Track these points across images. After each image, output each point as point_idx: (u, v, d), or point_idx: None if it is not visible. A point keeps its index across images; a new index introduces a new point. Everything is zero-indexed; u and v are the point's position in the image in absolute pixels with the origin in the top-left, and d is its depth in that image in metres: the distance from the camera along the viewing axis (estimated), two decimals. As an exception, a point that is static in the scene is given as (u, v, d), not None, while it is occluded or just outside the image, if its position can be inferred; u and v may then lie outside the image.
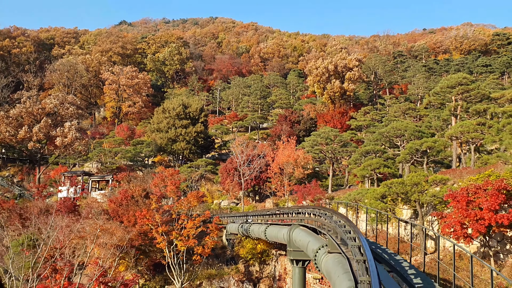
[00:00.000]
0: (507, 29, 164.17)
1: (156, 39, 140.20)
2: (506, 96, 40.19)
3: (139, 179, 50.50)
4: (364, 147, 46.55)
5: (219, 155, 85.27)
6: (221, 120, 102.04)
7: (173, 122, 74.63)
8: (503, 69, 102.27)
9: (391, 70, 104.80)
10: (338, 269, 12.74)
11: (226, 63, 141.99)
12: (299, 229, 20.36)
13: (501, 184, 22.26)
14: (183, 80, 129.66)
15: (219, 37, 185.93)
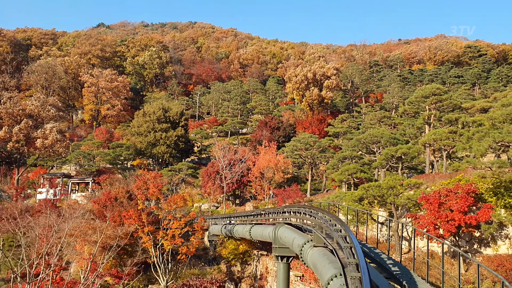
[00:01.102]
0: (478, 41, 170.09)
1: (135, 42, 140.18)
2: (476, 106, 42.57)
3: (122, 182, 50.99)
4: (341, 153, 48.30)
5: (199, 159, 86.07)
6: (200, 124, 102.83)
7: (153, 125, 75.14)
8: (474, 81, 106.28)
9: (367, 79, 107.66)
10: (324, 260, 14.06)
11: (205, 68, 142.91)
12: (285, 227, 21.68)
13: (470, 188, 24.13)
14: (162, 84, 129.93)
15: (199, 42, 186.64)
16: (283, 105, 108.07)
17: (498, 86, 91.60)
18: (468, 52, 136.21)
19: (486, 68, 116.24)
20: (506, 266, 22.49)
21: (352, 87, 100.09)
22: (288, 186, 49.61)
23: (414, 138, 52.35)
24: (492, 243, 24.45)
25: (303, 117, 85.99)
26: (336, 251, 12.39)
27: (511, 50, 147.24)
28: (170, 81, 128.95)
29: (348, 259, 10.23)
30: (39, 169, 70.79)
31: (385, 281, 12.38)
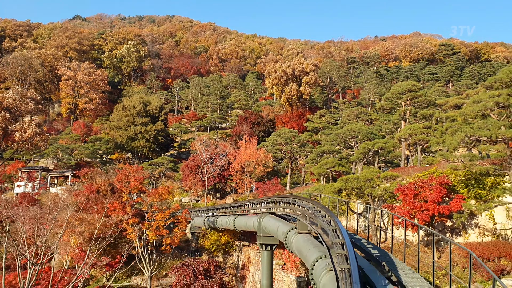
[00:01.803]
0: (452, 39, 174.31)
1: (113, 35, 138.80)
2: (450, 103, 44.30)
3: (102, 175, 51.11)
4: (320, 147, 49.57)
5: (178, 154, 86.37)
6: (180, 119, 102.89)
7: (133, 119, 75.07)
8: (448, 78, 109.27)
9: (344, 75, 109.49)
10: (308, 245, 15.05)
11: (184, 62, 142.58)
12: (269, 217, 22.64)
13: (444, 180, 25.53)
14: (140, 78, 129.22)
15: (177, 36, 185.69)
16: (262, 100, 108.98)
17: (471, 83, 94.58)
18: (442, 50, 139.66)
19: (459, 66, 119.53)
20: (476, 253, 23.93)
21: (330, 83, 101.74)
22: (269, 180, 50.65)
23: (390, 133, 54.11)
24: (463, 232, 25.93)
25: (282, 112, 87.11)
26: (321, 236, 13.35)
27: (483, 48, 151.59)
28: (148, 75, 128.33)
29: (333, 240, 11.18)
30: (16, 162, 70.01)
31: (366, 262, 13.41)
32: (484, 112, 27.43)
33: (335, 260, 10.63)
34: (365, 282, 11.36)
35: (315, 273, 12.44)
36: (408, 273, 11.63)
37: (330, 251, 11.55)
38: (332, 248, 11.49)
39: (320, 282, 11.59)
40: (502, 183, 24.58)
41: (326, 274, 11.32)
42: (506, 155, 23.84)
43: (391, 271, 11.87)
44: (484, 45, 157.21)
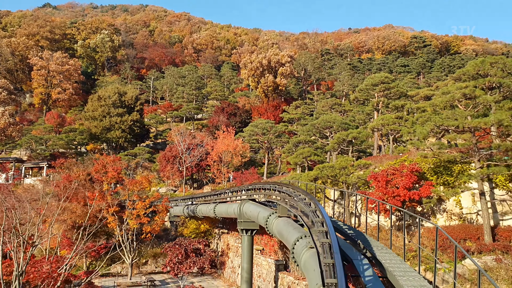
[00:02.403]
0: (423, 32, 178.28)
1: (86, 25, 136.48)
2: (421, 94, 46.00)
3: (79, 166, 51.02)
4: (296, 137, 50.68)
5: (154, 144, 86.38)
6: (155, 109, 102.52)
7: (108, 110, 74.64)
8: (419, 70, 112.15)
9: (319, 67, 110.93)
10: (289, 227, 16.01)
11: (159, 52, 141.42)
12: (249, 203, 23.52)
13: (414, 167, 26.90)
14: (114, 68, 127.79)
15: (151, 25, 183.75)
16: (238, 91, 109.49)
17: (441, 75, 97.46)
18: (414, 43, 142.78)
19: (430, 58, 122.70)
20: (443, 236, 25.40)
21: (305, 75, 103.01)
22: (246, 170, 51.55)
23: (363, 123, 55.63)
24: (432, 216, 27.39)
25: (258, 103, 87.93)
26: (302, 217, 14.31)
27: (453, 41, 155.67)
28: (122, 65, 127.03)
29: (314, 219, 12.12)
30: (-12, 153, 68.87)
31: (343, 240, 14.42)
32: (452, 103, 28.86)
33: (316, 238, 11.58)
34: (342, 257, 12.33)
35: (296, 251, 13.39)
36: (382, 250, 12.69)
37: (311, 230, 12.49)
38: (312, 228, 12.44)
39: (301, 259, 12.55)
40: (468, 170, 26.04)
41: (306, 251, 12.27)
42: (472, 143, 25.28)
43: (366, 248, 12.90)
44: (454, 38, 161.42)
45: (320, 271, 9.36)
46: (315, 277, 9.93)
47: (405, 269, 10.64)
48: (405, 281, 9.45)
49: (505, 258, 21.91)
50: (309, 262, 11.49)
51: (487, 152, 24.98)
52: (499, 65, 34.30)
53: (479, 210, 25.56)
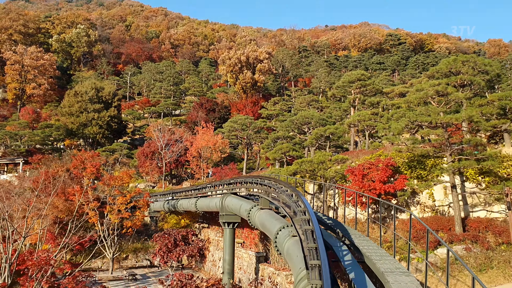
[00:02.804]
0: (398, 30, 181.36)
1: (61, 19, 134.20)
2: (395, 91, 47.27)
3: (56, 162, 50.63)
4: (275, 133, 51.48)
5: (132, 140, 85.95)
6: (132, 105, 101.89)
7: (85, 106, 73.96)
8: (394, 67, 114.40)
9: (296, 64, 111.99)
10: (271, 218, 16.68)
11: (136, 47, 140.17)
12: (231, 196, 24.10)
13: (389, 161, 27.94)
14: (90, 63, 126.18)
15: (127, 20, 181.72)
16: (216, 87, 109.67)
17: (415, 72, 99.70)
18: (389, 40, 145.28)
19: (405, 55, 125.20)
20: (417, 227, 26.52)
21: (283, 71, 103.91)
22: (225, 165, 52.06)
23: (340, 119, 56.80)
24: (406, 209, 28.49)
25: (236, 99, 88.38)
26: (284, 208, 14.97)
27: (427, 39, 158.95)
28: (98, 60, 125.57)
29: (296, 209, 12.79)
30: (-39, 149, 67.48)
31: (323, 229, 15.12)
32: (426, 100, 30.02)
33: (298, 227, 12.25)
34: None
35: (279, 240, 14.06)
36: (359, 238, 13.45)
37: (293, 219, 13.16)
38: (294, 217, 13.11)
39: (284, 247, 13.22)
40: (440, 164, 27.19)
41: (289, 239, 12.95)
42: (444, 139, 26.41)
43: (344, 236, 13.65)
44: (428, 36, 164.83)
45: (303, 255, 10.01)
46: (298, 262, 10.59)
47: (381, 254, 11.40)
48: (382, 264, 10.19)
49: (474, 247, 23.11)
50: (292, 249, 12.15)
51: (459, 146, 26.14)
52: (470, 63, 35.73)
53: (451, 203, 26.72)
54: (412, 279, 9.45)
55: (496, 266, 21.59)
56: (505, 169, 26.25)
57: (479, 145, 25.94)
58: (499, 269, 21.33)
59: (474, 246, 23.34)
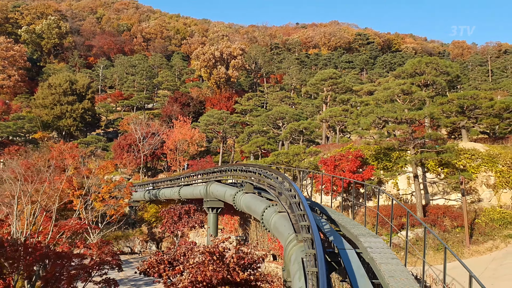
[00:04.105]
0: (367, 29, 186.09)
1: (30, 9, 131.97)
2: (364, 89, 50.21)
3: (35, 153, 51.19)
4: (249, 128, 53.54)
5: (105, 133, 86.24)
6: (104, 98, 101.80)
7: (59, 98, 74.06)
8: (363, 66, 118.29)
9: (269, 60, 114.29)
10: (256, 200, 18.72)
11: (107, 40, 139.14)
12: (215, 184, 26.00)
13: (358, 153, 30.49)
14: (61, 55, 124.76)
15: (98, 12, 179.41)
16: (188, 81, 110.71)
17: (382, 72, 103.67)
18: (358, 40, 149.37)
19: (373, 55, 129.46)
20: (383, 213, 29.17)
21: (256, 68, 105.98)
22: (202, 158, 53.77)
23: (311, 116, 59.45)
24: (373, 197, 31.13)
25: (210, 94, 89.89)
26: (269, 190, 17.02)
27: (394, 39, 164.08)
28: (69, 52, 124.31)
29: (282, 189, 14.83)
30: None
31: (303, 209, 17.31)
32: (392, 98, 32.74)
33: (284, 203, 14.34)
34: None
35: (265, 218, 16.12)
36: (335, 214, 15.62)
37: (279, 198, 15.21)
38: (280, 196, 15.18)
39: (270, 223, 15.27)
40: (404, 156, 29.90)
41: (275, 215, 15.02)
42: (408, 133, 29.10)
43: (322, 213, 15.80)
44: (395, 36, 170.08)
45: (291, 223, 12.07)
46: (286, 230, 12.66)
47: (354, 224, 13.60)
48: (355, 231, 12.36)
49: (433, 230, 25.86)
50: (278, 222, 14.21)
51: (421, 140, 28.90)
52: (433, 65, 38.79)
53: (413, 191, 29.51)
54: (379, 239, 11.68)
55: (451, 245, 24.41)
56: (461, 161, 29.22)
57: (439, 139, 28.80)
58: (454, 248, 24.14)
59: (433, 229, 26.13)
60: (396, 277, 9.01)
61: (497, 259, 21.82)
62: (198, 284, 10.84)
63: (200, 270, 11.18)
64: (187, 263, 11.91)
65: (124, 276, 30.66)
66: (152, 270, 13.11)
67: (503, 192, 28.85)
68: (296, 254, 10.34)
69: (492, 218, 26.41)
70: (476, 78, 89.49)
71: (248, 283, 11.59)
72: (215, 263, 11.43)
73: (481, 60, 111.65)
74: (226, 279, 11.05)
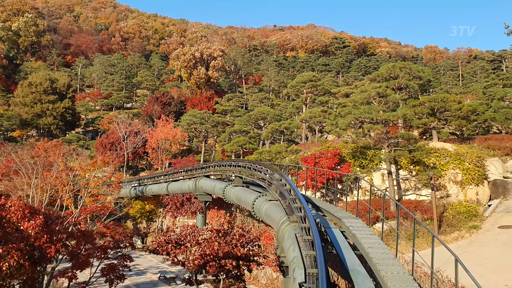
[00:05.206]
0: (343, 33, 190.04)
1: (6, 6, 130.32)
2: (342, 91, 52.52)
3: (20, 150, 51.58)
4: (230, 128, 55.15)
5: (85, 132, 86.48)
6: (83, 97, 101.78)
7: (40, 96, 74.17)
8: (339, 69, 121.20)
9: (248, 62, 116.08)
10: (246, 192, 20.40)
11: (86, 39, 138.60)
12: (204, 179, 27.54)
13: (337, 151, 32.52)
14: (38, 53, 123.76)
15: (75, 11, 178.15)
16: (167, 81, 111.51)
17: (358, 75, 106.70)
18: (334, 43, 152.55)
19: (349, 58, 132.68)
20: (359, 207, 31.29)
21: (235, 69, 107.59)
22: (185, 157, 55.10)
23: (290, 117, 61.43)
24: (350, 192, 33.20)
25: (189, 94, 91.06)
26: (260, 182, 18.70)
27: (369, 43, 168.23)
28: (46, 50, 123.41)
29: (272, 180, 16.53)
30: None
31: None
32: (369, 100, 34.91)
33: (274, 192, 16.04)
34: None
35: (256, 207, 17.81)
36: (319, 202, 17.43)
37: (269, 188, 16.92)
38: (270, 186, 16.88)
39: (262, 211, 16.96)
40: (379, 155, 32.07)
41: (266, 203, 16.72)
42: (383, 133, 31.27)
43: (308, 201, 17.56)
44: (371, 40, 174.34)
45: (282, 209, 13.78)
46: (278, 215, 14.38)
47: (337, 209, 15.42)
48: (337, 214, 14.17)
49: (405, 222, 28.05)
50: (270, 209, 15.91)
51: (395, 140, 31.11)
52: (407, 69, 41.19)
53: (387, 187, 31.67)
54: (359, 220, 13.53)
55: (421, 236, 26.58)
56: (431, 159, 31.56)
57: (412, 139, 31.05)
58: (424, 238, 26.33)
59: (405, 221, 28.30)
60: (375, 248, 10.84)
61: (462, 247, 24.07)
62: (207, 256, 12.48)
63: (208, 244, 12.81)
64: (194, 241, 13.50)
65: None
66: (161, 249, 14.65)
67: (469, 188, 31.28)
68: (289, 233, 12.06)
69: (459, 212, 28.74)
70: (447, 82, 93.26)
71: (247, 257, 13.27)
72: (220, 239, 13.07)
73: (452, 65, 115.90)
74: (229, 253, 12.69)
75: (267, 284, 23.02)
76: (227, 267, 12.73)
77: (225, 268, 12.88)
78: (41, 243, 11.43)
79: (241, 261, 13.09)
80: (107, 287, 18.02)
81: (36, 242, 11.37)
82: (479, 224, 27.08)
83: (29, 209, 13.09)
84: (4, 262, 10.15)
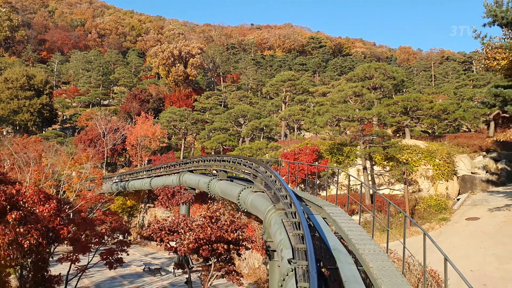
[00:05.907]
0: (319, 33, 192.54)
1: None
2: (319, 90, 54.05)
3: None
4: (209, 125, 56.02)
5: (62, 129, 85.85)
6: (60, 94, 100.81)
7: (16, 93, 73.41)
8: (315, 69, 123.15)
9: (226, 60, 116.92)
10: (230, 185, 21.45)
11: (62, 35, 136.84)
12: (188, 173, 28.44)
13: (315, 148, 33.88)
14: (12, 49, 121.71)
15: (50, 6, 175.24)
16: (144, 78, 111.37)
17: (334, 74, 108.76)
18: (311, 43, 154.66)
19: (325, 58, 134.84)
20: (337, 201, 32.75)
21: (214, 67, 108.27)
22: (165, 153, 55.69)
23: (269, 114, 62.71)
24: (328, 187, 34.64)
25: (167, 92, 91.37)
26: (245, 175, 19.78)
27: (345, 43, 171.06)
28: (20, 45, 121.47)
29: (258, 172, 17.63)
30: None
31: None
32: (345, 99, 36.42)
33: (259, 183, 17.16)
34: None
35: (242, 198, 18.89)
36: (301, 192, 18.65)
37: (255, 181, 18.01)
38: (255, 179, 17.99)
39: (247, 202, 18.05)
40: (355, 151, 33.59)
41: (251, 195, 17.83)
42: (358, 130, 32.79)
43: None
44: (346, 40, 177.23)
45: (268, 198, 14.89)
46: (264, 204, 15.50)
47: (317, 199, 16.68)
48: (318, 202, 15.39)
49: (379, 215, 29.59)
50: (255, 200, 17.03)
51: (370, 137, 32.66)
52: (382, 70, 42.93)
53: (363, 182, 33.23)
54: (339, 208, 14.80)
55: (394, 227, 28.18)
56: (404, 155, 33.26)
57: (386, 136, 32.67)
58: (396, 229, 27.93)
59: (379, 214, 29.87)
60: (353, 231, 12.10)
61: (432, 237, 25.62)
62: (200, 240, 13.51)
63: (202, 229, 13.84)
64: (187, 228, 14.52)
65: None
66: (155, 235, 15.61)
67: (439, 183, 33.11)
68: (275, 219, 13.21)
69: (430, 205, 30.49)
70: (420, 82, 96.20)
71: (237, 242, 14.35)
72: (213, 225, 14.12)
73: (425, 66, 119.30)
74: (221, 237, 13.75)
75: (249, 273, 24.17)
76: (218, 250, 13.79)
77: (216, 252, 13.95)
78: (54, 224, 12.34)
79: (231, 245, 14.18)
80: (101, 275, 18.81)
81: (50, 224, 12.25)
82: (448, 217, 28.84)
83: (44, 194, 14.00)
84: (25, 240, 11.06)
